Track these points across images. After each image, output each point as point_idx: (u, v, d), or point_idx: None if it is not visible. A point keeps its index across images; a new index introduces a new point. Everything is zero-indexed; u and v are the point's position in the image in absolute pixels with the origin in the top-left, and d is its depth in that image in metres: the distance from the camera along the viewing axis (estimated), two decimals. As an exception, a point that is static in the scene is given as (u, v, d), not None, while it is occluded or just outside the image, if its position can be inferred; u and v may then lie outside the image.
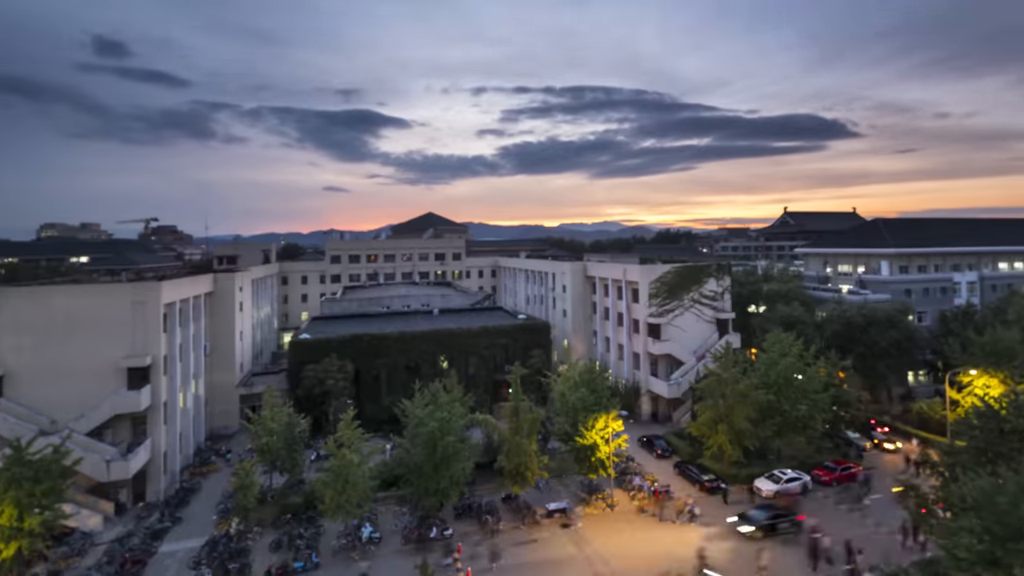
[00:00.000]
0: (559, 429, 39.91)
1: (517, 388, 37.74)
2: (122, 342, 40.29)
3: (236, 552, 31.42)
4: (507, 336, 58.65)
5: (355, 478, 31.90)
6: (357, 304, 75.12)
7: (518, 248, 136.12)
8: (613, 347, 63.77)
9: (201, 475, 44.34)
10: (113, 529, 35.57)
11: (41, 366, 38.62)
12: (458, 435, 35.20)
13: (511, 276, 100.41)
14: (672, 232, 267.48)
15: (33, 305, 39.21)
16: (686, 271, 58.81)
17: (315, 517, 35.30)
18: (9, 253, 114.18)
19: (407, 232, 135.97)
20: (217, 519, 35.89)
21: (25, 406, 37.98)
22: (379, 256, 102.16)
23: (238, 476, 34.35)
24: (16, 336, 38.58)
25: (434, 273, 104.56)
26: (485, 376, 57.55)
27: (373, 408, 51.87)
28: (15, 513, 28.50)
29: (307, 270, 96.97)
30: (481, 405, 54.10)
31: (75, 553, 32.35)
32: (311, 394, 48.58)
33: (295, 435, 39.08)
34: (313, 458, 44.67)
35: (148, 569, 30.98)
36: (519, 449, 35.85)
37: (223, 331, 56.21)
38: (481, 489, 39.56)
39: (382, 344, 54.33)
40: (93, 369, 39.33)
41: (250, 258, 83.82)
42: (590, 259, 76.64)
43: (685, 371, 55.34)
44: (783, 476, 40.12)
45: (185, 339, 47.75)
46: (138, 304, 41.07)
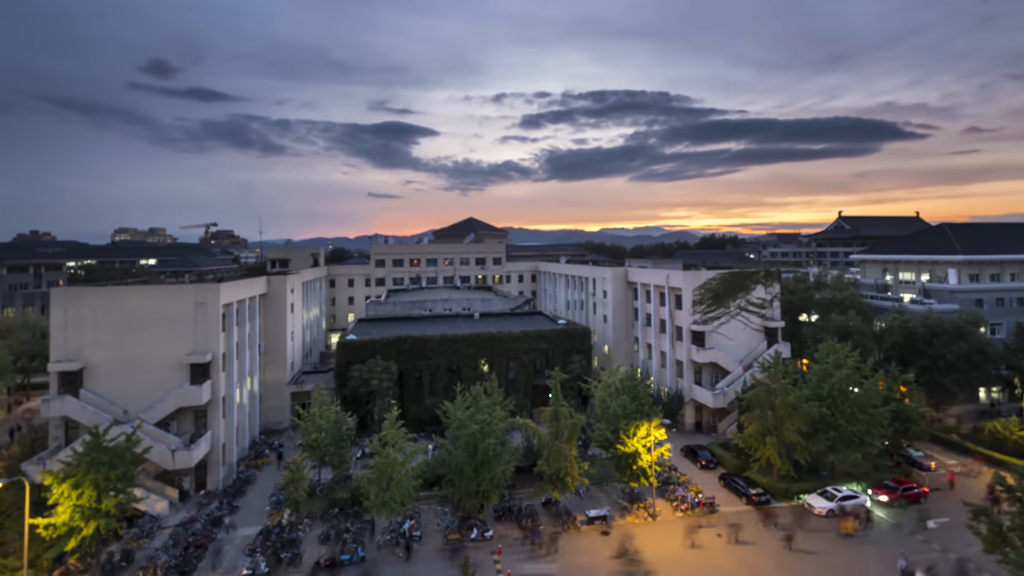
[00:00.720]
0: (600, 436, 39.56)
1: (557, 393, 37.74)
2: (185, 339, 43.00)
3: (288, 542, 32.95)
4: (547, 341, 58.66)
5: (399, 476, 32.83)
6: (400, 307, 77.09)
7: (558, 253, 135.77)
8: (655, 354, 62.57)
9: (256, 467, 46.70)
10: (177, 514, 38.10)
11: (115, 360, 41.73)
12: (498, 438, 35.60)
13: (551, 281, 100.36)
14: (717, 237, 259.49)
15: (109, 304, 42.40)
16: (732, 277, 57.04)
17: (361, 512, 36.52)
18: (88, 256, 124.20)
19: (448, 237, 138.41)
20: (270, 510, 37.77)
21: (102, 397, 41.16)
22: (422, 260, 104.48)
23: (290, 470, 36.05)
24: (95, 332, 41.84)
25: (475, 277, 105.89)
26: (525, 380, 57.75)
27: (416, 409, 53.09)
28: (94, 495, 30.97)
29: (353, 273, 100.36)
30: (521, 409, 54.44)
31: (144, 535, 34.84)
32: (357, 393, 50.23)
33: (342, 432, 40.54)
34: (359, 455, 46.16)
35: (209, 553, 32.94)
36: (559, 454, 35.82)
37: (275, 331, 59.02)
38: (521, 493, 39.73)
39: (424, 346, 55.53)
40: (160, 364, 42.17)
41: (300, 261, 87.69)
42: (631, 264, 75.62)
43: (731, 380, 53.62)
44: (837, 493, 38.17)
45: (241, 338, 50.45)
46: (200, 304, 43.70)
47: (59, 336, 41.01)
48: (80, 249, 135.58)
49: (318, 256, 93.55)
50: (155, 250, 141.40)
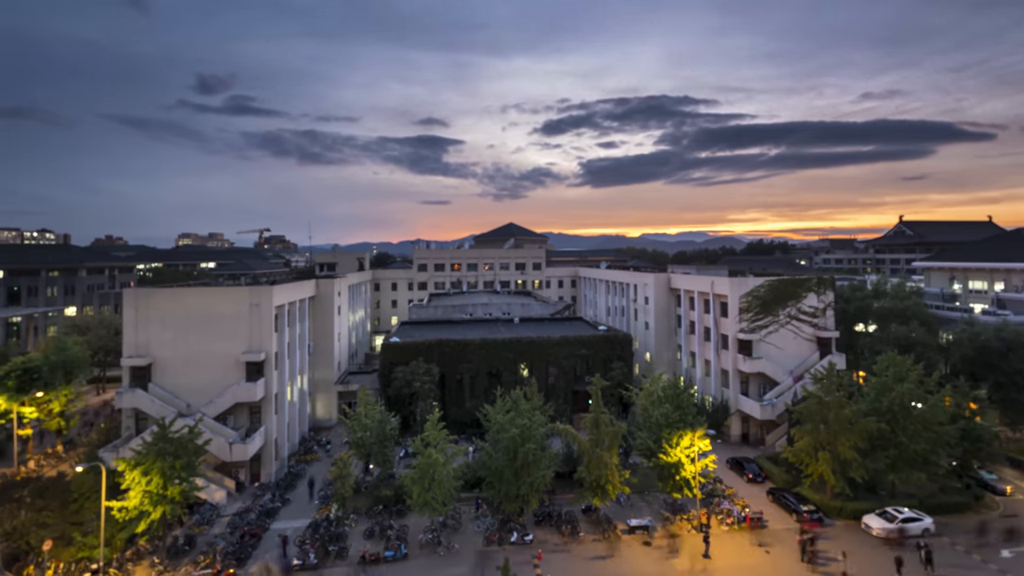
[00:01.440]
0: (641, 444, 38.91)
1: (597, 400, 37.44)
2: (241, 338, 45.43)
3: (335, 536, 34.19)
4: (587, 347, 58.26)
5: (440, 477, 33.46)
6: (442, 311, 78.52)
7: (598, 258, 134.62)
8: (699, 362, 60.92)
9: (305, 462, 48.71)
10: (234, 504, 40.29)
11: (179, 357, 44.60)
12: (538, 443, 35.68)
13: (591, 287, 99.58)
14: (765, 243, 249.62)
15: (173, 304, 45.36)
16: (782, 285, 54.88)
17: (404, 511, 37.42)
18: (155, 259, 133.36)
19: (488, 242, 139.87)
20: (318, 504, 39.28)
21: (167, 391, 44.11)
22: (462, 265, 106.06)
23: (337, 466, 37.42)
24: (161, 330, 44.85)
25: (515, 282, 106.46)
26: (564, 386, 57.54)
27: (457, 411, 53.88)
28: (161, 482, 33.26)
29: (396, 277, 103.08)
30: (560, 414, 54.27)
31: (205, 522, 37.05)
32: (400, 394, 51.54)
33: (386, 432, 41.71)
34: (402, 455, 47.32)
35: (262, 542, 34.68)
36: (599, 461, 35.50)
37: (323, 332, 61.40)
38: (561, 498, 39.58)
39: (465, 350, 56.33)
40: (219, 361, 44.73)
41: (347, 266, 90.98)
42: (674, 270, 74.01)
43: (780, 392, 51.52)
44: (898, 515, 35.89)
45: (292, 338, 52.80)
46: (255, 306, 46.08)
47: (130, 333, 44.24)
48: (148, 253, 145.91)
49: (363, 260, 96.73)
50: (214, 254, 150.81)
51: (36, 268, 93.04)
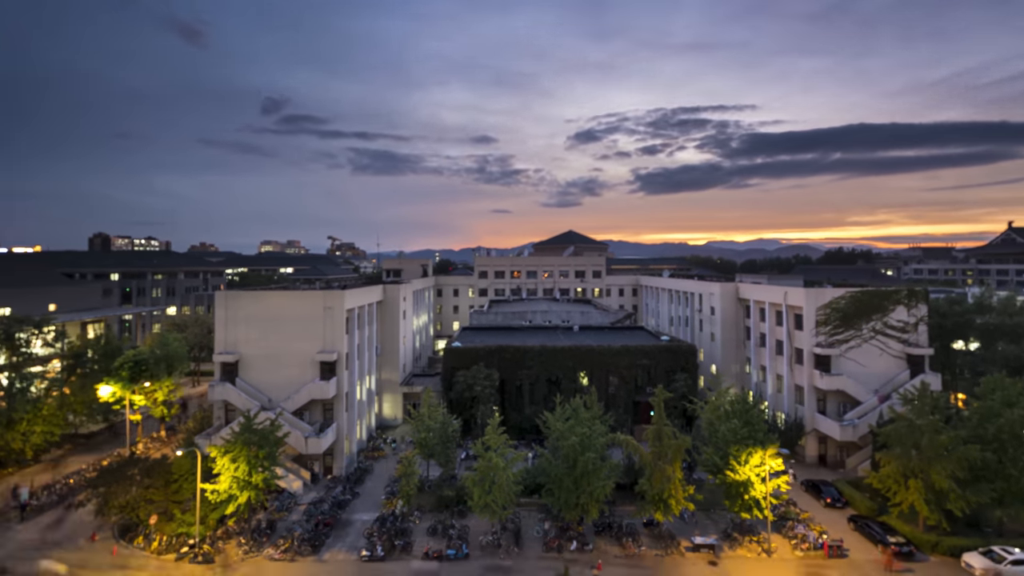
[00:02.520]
0: (707, 460, 37.45)
1: (660, 412, 36.53)
2: (316, 339, 48.46)
3: (400, 531, 35.69)
4: (649, 357, 56.92)
5: (500, 481, 34.00)
6: (502, 317, 79.63)
7: (660, 266, 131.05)
8: (770, 377, 57.66)
9: (373, 458, 51.15)
10: (309, 494, 43.07)
11: (262, 354, 48.24)
12: (598, 452, 35.34)
13: (653, 295, 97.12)
14: (845, 251, 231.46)
15: (257, 306, 49.16)
16: (865, 297, 50.92)
17: (465, 511, 38.34)
18: (241, 264, 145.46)
19: (548, 249, 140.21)
20: (385, 499, 41.12)
21: (252, 385, 47.90)
22: (522, 272, 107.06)
23: (402, 464, 39.02)
24: (246, 329, 48.70)
25: (574, 290, 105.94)
26: (625, 396, 56.50)
27: (516, 416, 54.40)
28: (246, 469, 36.23)
29: (458, 284, 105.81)
30: (621, 425, 53.34)
31: (284, 508, 39.91)
32: (462, 398, 52.85)
33: (449, 434, 42.95)
34: (463, 457, 48.44)
35: (334, 531, 36.82)
36: (662, 475, 34.58)
37: (390, 335, 64.19)
38: (621, 510, 38.92)
39: (525, 356, 56.82)
40: (296, 360, 47.93)
41: (411, 272, 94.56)
42: (743, 280, 70.73)
43: (863, 412, 47.69)
44: (1007, 555, 32.06)
45: (361, 340, 55.67)
46: (328, 309, 49.01)
47: (220, 332, 48.47)
48: (236, 258, 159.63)
49: (427, 267, 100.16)
50: (292, 260, 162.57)
51: (143, 272, 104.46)
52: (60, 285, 79.73)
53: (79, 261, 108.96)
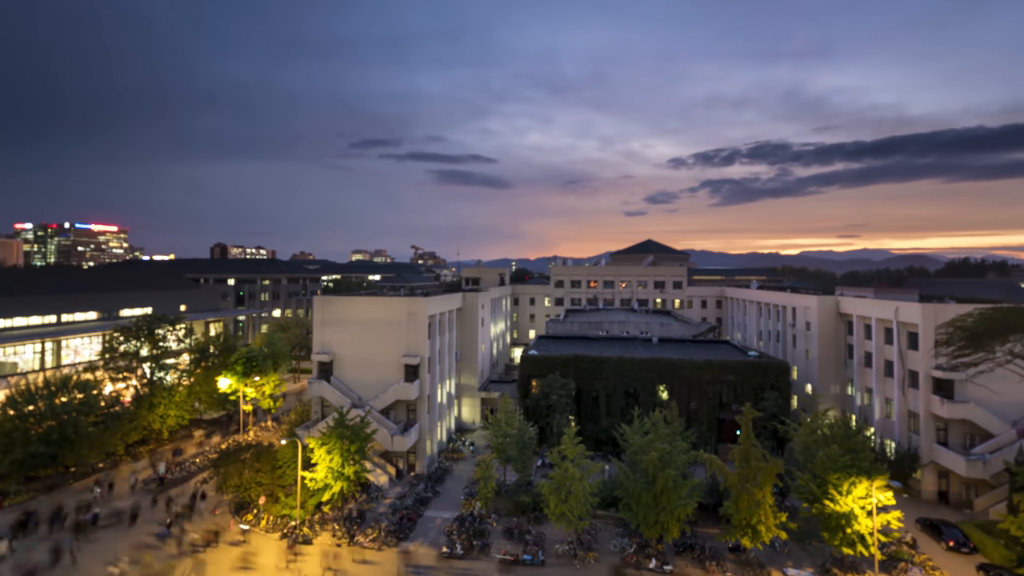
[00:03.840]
0: (801, 486, 34.72)
1: (748, 431, 34.50)
2: (401, 343, 51.33)
3: (478, 532, 36.76)
4: (735, 373, 53.86)
5: (576, 491, 33.90)
6: (578, 327, 79.25)
7: (747, 277, 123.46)
8: (877, 401, 52.14)
9: (452, 460, 53.09)
10: (394, 489, 45.65)
11: (353, 355, 51.93)
12: (679, 470, 34.11)
13: (739, 308, 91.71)
14: (972, 262, 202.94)
15: (349, 310, 52.96)
16: (1001, 314, 44.48)
17: (541, 518, 38.63)
18: (335, 271, 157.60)
19: (625, 259, 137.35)
20: (464, 499, 42.53)
21: (345, 383, 51.76)
22: (599, 282, 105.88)
23: (480, 468, 40.17)
24: (340, 332, 52.63)
25: (653, 301, 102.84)
26: (708, 413, 53.86)
27: (592, 427, 53.86)
28: (340, 461, 39.27)
29: (534, 292, 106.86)
30: (703, 443, 51.01)
31: (372, 500, 42.66)
32: (538, 405, 53.32)
33: (525, 440, 43.58)
34: (539, 464, 48.82)
35: (417, 526, 38.73)
36: (750, 499, 32.59)
37: (469, 341, 66.35)
38: (704, 531, 37.18)
39: (602, 367, 56.16)
40: (383, 362, 51.06)
41: (489, 280, 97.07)
42: (844, 293, 64.78)
43: (997, 446, 41.70)
44: None
45: (442, 345, 58.09)
46: (412, 314, 51.76)
47: (317, 333, 52.87)
48: (330, 266, 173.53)
49: (504, 276, 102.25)
50: (379, 268, 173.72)
51: (254, 278, 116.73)
52: (188, 289, 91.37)
53: (202, 268, 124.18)
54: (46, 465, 43.74)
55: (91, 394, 47.12)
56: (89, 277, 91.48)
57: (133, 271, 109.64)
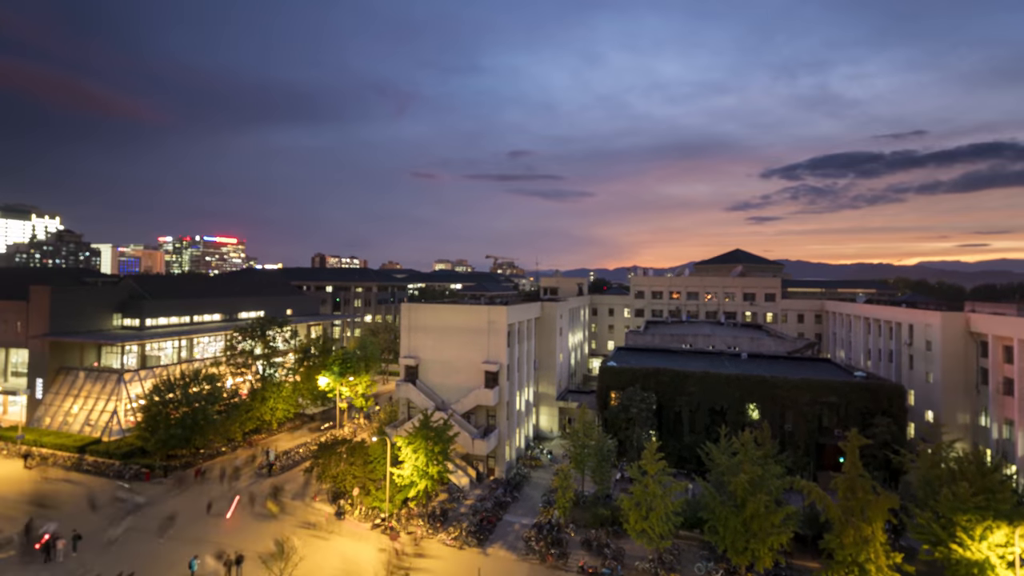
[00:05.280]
0: (922, 525, 30.91)
1: (855, 460, 31.41)
2: (481, 350, 52.87)
3: (556, 540, 36.81)
4: (838, 394, 49.22)
5: (657, 508, 32.84)
6: (659, 339, 76.71)
7: (852, 290, 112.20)
8: (1021, 436, 44.97)
9: (530, 467, 53.71)
10: (474, 491, 47.07)
11: (437, 360, 54.35)
12: (773, 495, 31.87)
13: (842, 323, 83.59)
14: None
15: (433, 317, 55.51)
16: None
17: (620, 532, 37.85)
18: (420, 280, 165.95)
19: (711, 270, 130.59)
20: (542, 507, 42.83)
21: (429, 387, 54.33)
22: (682, 293, 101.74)
23: (559, 477, 40.24)
24: (424, 337, 55.33)
25: (741, 314, 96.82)
26: (805, 436, 49.65)
27: (674, 443, 51.82)
28: (424, 460, 41.27)
29: (613, 303, 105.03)
30: (799, 468, 47.22)
31: (453, 500, 44.31)
32: (617, 418, 52.30)
33: (604, 453, 43.00)
34: (618, 478, 47.87)
35: (496, 529, 39.67)
36: (857, 534, 29.59)
37: (547, 350, 66.73)
38: (801, 564, 34.38)
39: (685, 382, 53.92)
40: (464, 367, 52.94)
41: (567, 290, 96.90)
42: (977, 309, 56.78)
43: None
44: None
45: (521, 354, 58.97)
46: (492, 322, 53.15)
47: (405, 338, 56.00)
48: (415, 275, 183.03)
49: (583, 286, 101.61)
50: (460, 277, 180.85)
51: (348, 286, 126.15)
52: (293, 295, 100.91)
53: (305, 276, 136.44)
54: (181, 446, 50.51)
55: (216, 386, 53.79)
56: (214, 284, 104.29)
57: (249, 279, 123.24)
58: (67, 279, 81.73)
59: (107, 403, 59.16)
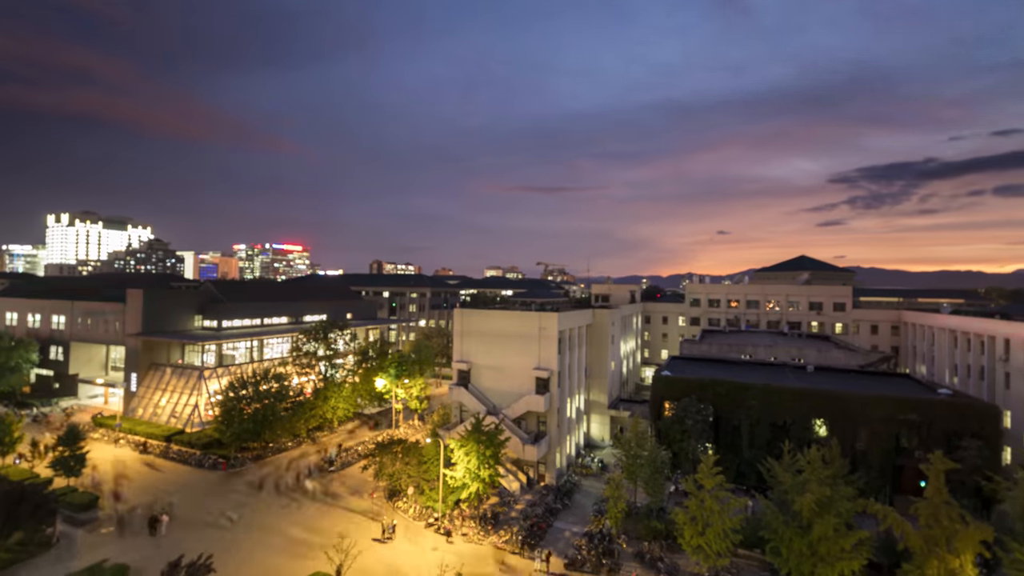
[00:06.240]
0: (1021, 561, 27.92)
1: (940, 485, 28.90)
2: (532, 356, 53.06)
3: (608, 551, 36.26)
4: (919, 412, 45.39)
5: (714, 524, 31.65)
6: (716, 349, 73.90)
7: (936, 300, 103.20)
8: None
9: (580, 475, 53.21)
10: (524, 496, 47.24)
11: (488, 365, 55.06)
12: (843, 518, 29.88)
13: (924, 336, 77.04)
14: None
15: (484, 322, 56.26)
16: None
17: (675, 546, 36.75)
18: (471, 286, 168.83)
19: (774, 277, 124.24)
20: (593, 516, 42.34)
21: (481, 391, 55.17)
22: (740, 301, 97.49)
23: (610, 486, 39.63)
24: (476, 342, 56.19)
25: (807, 324, 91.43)
26: (880, 456, 46.10)
27: (732, 458, 49.71)
28: (476, 463, 41.99)
29: (667, 311, 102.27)
30: (873, 490, 43.97)
31: (503, 504, 44.67)
32: (671, 429, 50.86)
33: (657, 464, 41.93)
34: (672, 490, 46.51)
35: (547, 535, 39.65)
36: (941, 565, 27.21)
37: (598, 358, 65.95)
38: (874, 596, 31.80)
39: (744, 394, 51.58)
40: (515, 373, 53.31)
41: (619, 297, 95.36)
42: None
43: None
44: None
45: (571, 361, 58.64)
46: (542, 329, 53.20)
47: (457, 343, 57.14)
48: (467, 281, 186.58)
49: (635, 293, 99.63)
50: (511, 283, 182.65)
51: (403, 291, 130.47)
52: (353, 299, 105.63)
53: (363, 282, 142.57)
54: (253, 439, 54.15)
55: (283, 384, 57.28)
56: (282, 289, 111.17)
57: (312, 284, 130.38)
58: (156, 283, 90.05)
59: (189, 397, 64.48)
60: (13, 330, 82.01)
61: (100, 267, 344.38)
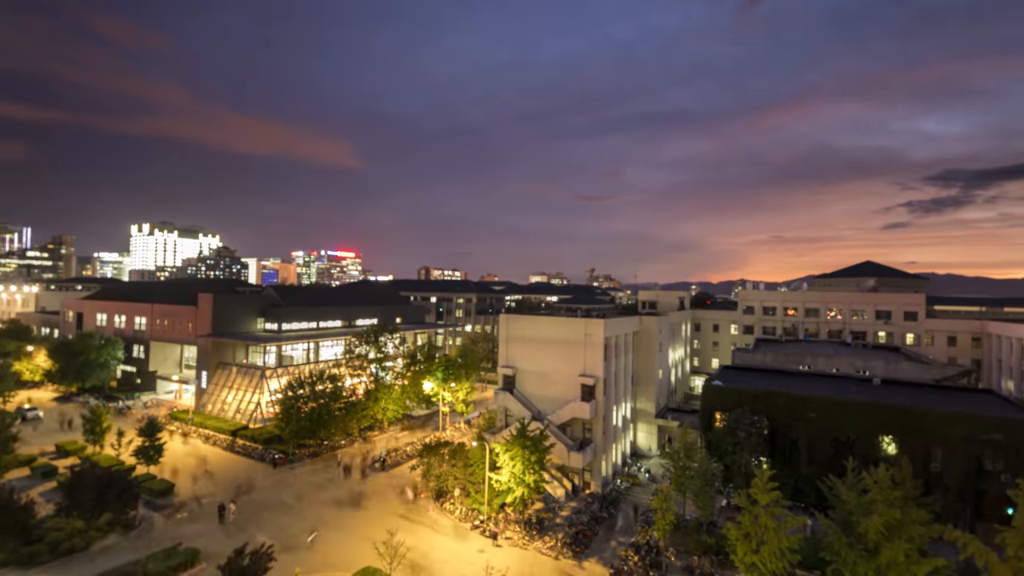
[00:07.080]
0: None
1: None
2: (577, 362, 52.66)
3: (655, 563, 35.41)
4: (1005, 432, 41.53)
5: (769, 541, 30.25)
6: (772, 359, 70.63)
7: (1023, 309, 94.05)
8: None
9: (627, 484, 52.19)
10: (569, 503, 46.92)
11: (533, 371, 55.13)
12: (915, 544, 27.77)
13: (1010, 349, 70.36)
14: None
15: (530, 328, 56.36)
16: None
17: (726, 563, 35.39)
18: (517, 292, 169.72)
19: (836, 284, 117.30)
20: (640, 527, 41.47)
21: (526, 396, 55.33)
22: (798, 309, 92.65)
23: (658, 498, 38.70)
24: (522, 348, 56.40)
25: (873, 334, 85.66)
26: (959, 479, 42.48)
27: (788, 474, 47.26)
28: (521, 468, 42.14)
29: (718, 319, 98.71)
30: (952, 516, 40.61)
31: (548, 510, 44.56)
32: (722, 441, 49.03)
33: (708, 476, 40.55)
34: (723, 504, 44.82)
35: (592, 544, 39.22)
36: (1030, 600, 24.76)
37: (645, 366, 64.61)
38: (951, 629, 29.31)
39: (802, 407, 49.00)
40: (560, 379, 53.08)
41: (667, 304, 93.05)
42: None
43: None
44: None
45: (618, 368, 57.74)
46: (588, 335, 52.71)
47: (503, 348, 57.56)
48: (513, 287, 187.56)
49: (684, 300, 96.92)
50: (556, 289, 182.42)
51: (450, 296, 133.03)
52: (402, 304, 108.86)
53: (412, 287, 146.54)
54: (309, 436, 56.87)
55: (337, 385, 59.85)
56: (336, 294, 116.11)
57: (364, 289, 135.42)
58: (224, 288, 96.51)
59: (252, 395, 68.58)
60: (102, 330, 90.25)
61: (175, 272, 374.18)
